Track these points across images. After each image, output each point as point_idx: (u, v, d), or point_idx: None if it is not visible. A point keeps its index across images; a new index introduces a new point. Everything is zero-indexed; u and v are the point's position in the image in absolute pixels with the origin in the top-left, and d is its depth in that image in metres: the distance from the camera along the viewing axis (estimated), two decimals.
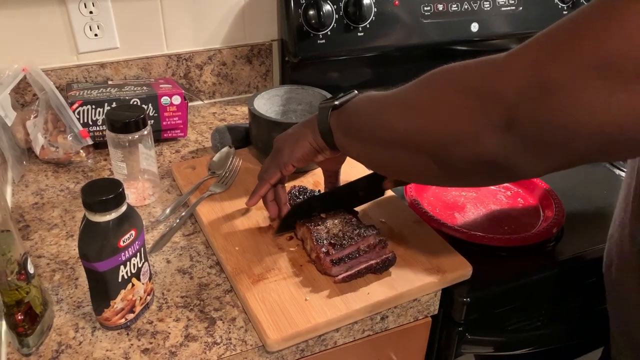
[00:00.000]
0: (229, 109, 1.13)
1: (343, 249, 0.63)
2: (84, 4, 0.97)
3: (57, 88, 0.89)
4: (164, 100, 0.94)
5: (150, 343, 0.58)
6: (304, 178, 0.84)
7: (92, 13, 0.98)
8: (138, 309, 0.60)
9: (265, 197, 0.70)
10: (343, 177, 0.74)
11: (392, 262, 0.64)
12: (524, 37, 0.45)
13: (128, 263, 0.56)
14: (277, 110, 0.92)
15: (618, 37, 0.36)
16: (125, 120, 0.73)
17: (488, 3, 1.16)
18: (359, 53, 1.10)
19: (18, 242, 0.54)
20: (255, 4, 1.11)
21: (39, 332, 0.56)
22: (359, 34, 1.06)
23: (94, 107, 0.89)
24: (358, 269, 0.63)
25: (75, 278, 0.66)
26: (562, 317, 0.79)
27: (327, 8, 1.02)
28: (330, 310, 0.59)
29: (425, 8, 1.11)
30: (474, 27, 1.15)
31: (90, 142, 0.88)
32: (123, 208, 0.54)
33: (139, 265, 0.58)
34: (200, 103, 1.15)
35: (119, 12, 1.01)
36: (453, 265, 0.66)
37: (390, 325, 0.66)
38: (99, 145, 0.93)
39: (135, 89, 0.95)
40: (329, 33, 1.04)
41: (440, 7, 1.12)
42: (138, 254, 0.57)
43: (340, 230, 0.66)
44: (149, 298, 0.61)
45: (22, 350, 0.56)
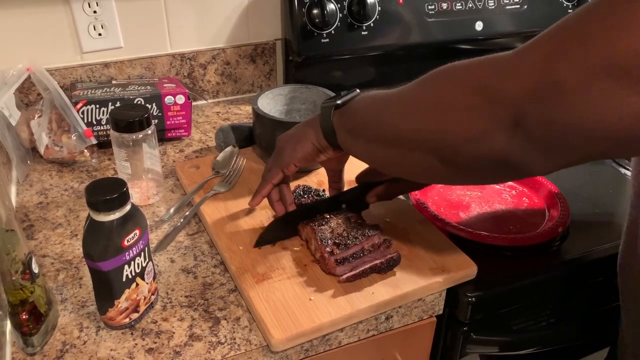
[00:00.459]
0: (233, 108, 1.13)
1: (347, 249, 0.63)
2: (88, 4, 0.97)
3: (61, 87, 0.89)
4: (168, 100, 0.94)
5: (155, 343, 0.58)
6: (308, 177, 0.84)
7: (96, 13, 0.98)
8: (142, 309, 0.59)
9: (271, 197, 0.70)
10: (346, 176, 0.74)
11: (396, 261, 0.64)
12: (529, 35, 0.44)
13: (132, 262, 0.56)
14: (280, 110, 0.92)
15: (628, 36, 0.35)
16: (129, 120, 0.73)
17: (492, 2, 1.15)
18: (363, 52, 1.10)
19: (22, 241, 0.54)
20: (259, 4, 1.11)
21: (44, 331, 0.56)
22: (363, 33, 1.06)
23: (98, 106, 0.89)
24: (362, 269, 0.62)
25: (80, 277, 0.66)
26: (567, 317, 0.78)
27: (331, 7, 1.02)
28: (335, 310, 0.59)
29: (430, 7, 1.11)
30: (479, 25, 1.15)
31: (94, 141, 0.89)
32: (127, 207, 0.54)
33: (143, 265, 0.58)
34: (204, 102, 1.15)
35: (123, 11, 1.01)
36: (458, 265, 0.66)
37: (395, 325, 0.66)
38: (103, 145, 0.93)
39: (139, 89, 0.95)
40: (333, 32, 1.04)
41: (445, 5, 1.12)
42: (142, 254, 0.57)
43: (345, 230, 0.66)
44: (153, 297, 0.61)
45: (26, 350, 0.56)
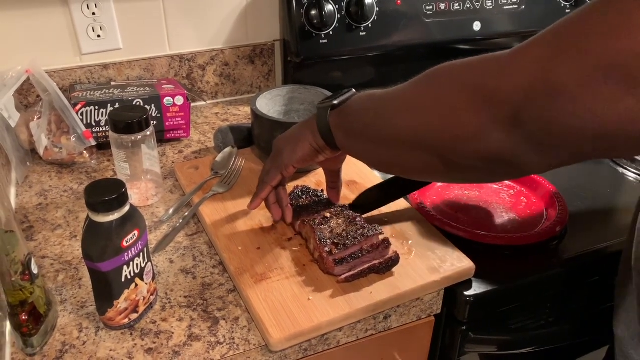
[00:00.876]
0: (232, 109, 1.13)
1: (346, 249, 0.63)
2: (87, 5, 0.97)
3: (60, 89, 0.89)
4: (167, 101, 0.94)
5: (154, 343, 0.58)
6: (306, 178, 0.84)
7: (94, 14, 0.99)
8: (141, 309, 0.60)
9: (268, 199, 0.70)
10: (344, 176, 0.74)
11: (395, 262, 0.64)
12: (527, 35, 0.44)
13: (131, 263, 0.56)
14: (279, 110, 0.92)
15: (625, 37, 0.35)
16: (128, 121, 0.74)
17: (490, 2, 1.15)
18: (362, 53, 1.10)
19: (22, 242, 0.54)
20: (258, 5, 1.11)
21: (43, 332, 0.57)
22: (361, 34, 1.06)
23: (97, 108, 0.90)
24: (361, 269, 0.63)
25: (79, 278, 0.66)
26: (566, 315, 0.78)
27: (329, 8, 1.02)
28: (333, 310, 0.59)
29: (428, 7, 1.11)
30: (477, 26, 1.15)
31: (94, 142, 0.89)
32: (126, 208, 0.54)
33: (142, 266, 0.58)
34: (203, 103, 1.15)
35: (122, 13, 1.01)
36: (456, 265, 0.66)
37: (394, 325, 0.66)
38: (102, 146, 0.93)
39: (138, 90, 0.95)
40: (331, 33, 1.04)
41: (443, 6, 1.12)
42: (141, 254, 0.58)
43: (344, 230, 0.66)
44: (153, 298, 0.61)
45: (26, 350, 0.56)
